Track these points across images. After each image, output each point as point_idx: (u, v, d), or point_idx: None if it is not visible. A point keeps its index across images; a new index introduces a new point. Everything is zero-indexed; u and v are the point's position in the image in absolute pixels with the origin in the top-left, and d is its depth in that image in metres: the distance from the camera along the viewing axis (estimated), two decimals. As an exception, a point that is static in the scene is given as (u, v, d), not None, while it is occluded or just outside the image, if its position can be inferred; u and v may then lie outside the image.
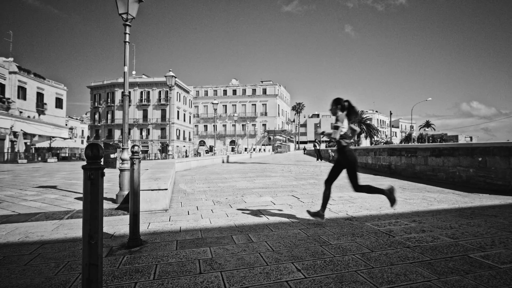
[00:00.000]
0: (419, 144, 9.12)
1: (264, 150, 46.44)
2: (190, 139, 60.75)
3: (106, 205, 4.80)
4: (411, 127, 67.09)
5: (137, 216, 2.82)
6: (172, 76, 11.23)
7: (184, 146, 56.04)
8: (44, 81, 39.96)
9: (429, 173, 7.47)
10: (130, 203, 2.84)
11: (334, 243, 2.78)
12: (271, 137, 61.59)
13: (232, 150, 36.30)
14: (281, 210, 4.22)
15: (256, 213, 4.09)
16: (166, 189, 4.38)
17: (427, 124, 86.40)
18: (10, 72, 34.81)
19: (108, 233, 3.23)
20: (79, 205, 4.89)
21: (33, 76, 38.36)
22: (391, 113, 43.56)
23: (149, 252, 2.61)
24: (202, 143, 61.91)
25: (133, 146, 2.84)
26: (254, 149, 42.39)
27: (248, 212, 4.16)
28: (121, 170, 4.91)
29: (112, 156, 14.11)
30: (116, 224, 3.61)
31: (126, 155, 4.95)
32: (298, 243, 2.79)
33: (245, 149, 41.73)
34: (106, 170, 13.95)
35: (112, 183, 7.97)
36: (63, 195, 5.80)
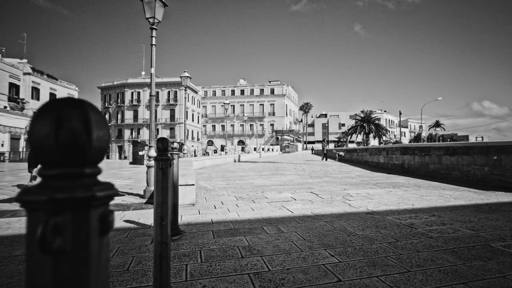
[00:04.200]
0: (433, 143, 9.22)
1: (272, 150, 46.61)
2: (198, 139, 61.29)
3: (135, 199, 5.06)
4: (420, 127, 66.48)
5: (177, 207, 3.05)
6: (187, 76, 11.52)
7: (192, 146, 56.58)
8: (57, 82, 40.81)
9: (443, 172, 7.57)
10: (169, 196, 3.07)
11: (360, 233, 2.97)
12: (279, 137, 61.71)
13: (242, 149, 36.60)
14: (303, 205, 4.42)
15: (280, 207, 4.29)
16: (193, 185, 4.61)
17: (437, 124, 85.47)
18: (24, 73, 35.66)
19: (146, 224, 3.47)
20: (108, 200, 5.16)
21: (46, 77, 39.22)
22: (400, 113, 43.30)
23: (190, 240, 2.83)
24: (210, 143, 62.39)
25: (172, 143, 3.06)
26: (262, 149, 42.63)
27: (271, 206, 4.37)
28: (148, 167, 5.16)
29: (140, 153, 14.48)
30: (150, 217, 3.85)
31: (154, 152, 5.20)
32: (327, 233, 2.98)
33: (254, 149, 41.98)
34: (127, 168, 14.27)
35: (133, 180, 8.28)
36: (91, 191, 6.09)
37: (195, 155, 42.89)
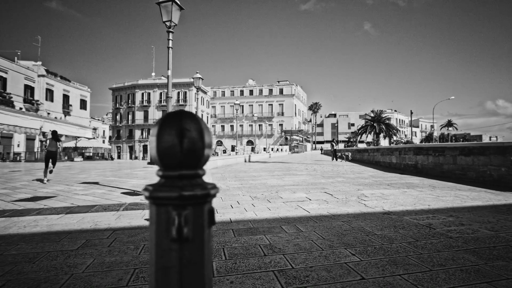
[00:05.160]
0: (447, 143, 9.13)
1: (282, 150, 46.59)
2: (207, 139, 61.63)
3: (153, 199, 5.18)
4: (432, 126, 65.43)
5: (198, 206, 3.13)
6: (199, 78, 11.67)
7: (202, 146, 56.84)
8: (70, 83, 41.64)
9: (458, 172, 7.50)
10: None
11: (379, 233, 3.01)
12: (288, 137, 61.63)
13: (252, 150, 36.69)
14: (319, 205, 4.46)
15: (296, 207, 4.35)
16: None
17: (449, 124, 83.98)
18: (39, 76, 36.51)
19: (167, 223, 3.57)
20: (126, 199, 5.29)
21: (59, 78, 40.06)
22: (411, 113, 42.72)
23: (212, 238, 2.91)
24: (219, 143, 62.72)
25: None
26: (272, 149, 42.67)
27: (287, 206, 4.42)
28: (165, 167, 5.27)
29: None
30: (170, 215, 3.95)
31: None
32: (345, 233, 3.03)
33: (264, 149, 42.03)
34: (140, 168, 14.53)
35: (148, 179, 8.43)
36: (109, 190, 6.25)
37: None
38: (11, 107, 29.73)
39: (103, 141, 56.84)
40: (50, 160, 8.17)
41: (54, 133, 8.64)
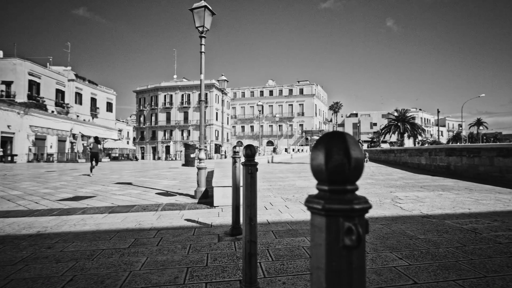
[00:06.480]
0: (483, 144, 8.78)
1: (302, 150, 46.32)
2: (228, 140, 62.25)
3: (187, 200, 5.34)
4: (460, 125, 62.71)
5: (239, 208, 3.21)
6: (225, 80, 11.86)
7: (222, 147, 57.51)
8: (97, 87, 43.34)
9: (495, 174, 7.19)
10: (232, 197, 3.25)
11: (422, 237, 2.96)
12: (308, 138, 61.12)
13: (274, 150, 36.76)
14: (353, 207, 4.43)
15: (330, 209, 4.34)
16: (242, 186, 4.78)
17: (479, 122, 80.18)
18: (69, 80, 38.24)
19: (207, 223, 3.68)
20: (162, 199, 5.47)
21: (87, 82, 41.80)
22: (438, 111, 41.21)
23: (253, 240, 2.98)
24: (239, 144, 63.12)
25: (234, 147, 3.24)
26: (293, 150, 42.54)
27: (321, 208, 4.43)
28: (199, 169, 5.42)
29: (191, 155, 15.09)
30: (208, 216, 4.06)
31: (203, 155, 5.45)
32: (387, 236, 3.01)
33: (285, 150, 41.95)
34: (167, 169, 14.95)
35: (178, 180, 8.66)
36: (143, 191, 6.49)
37: (225, 156, 43.64)
38: (44, 110, 31.33)
39: (127, 142, 58.68)
40: (94, 159, 10.98)
41: (96, 138, 11.16)
